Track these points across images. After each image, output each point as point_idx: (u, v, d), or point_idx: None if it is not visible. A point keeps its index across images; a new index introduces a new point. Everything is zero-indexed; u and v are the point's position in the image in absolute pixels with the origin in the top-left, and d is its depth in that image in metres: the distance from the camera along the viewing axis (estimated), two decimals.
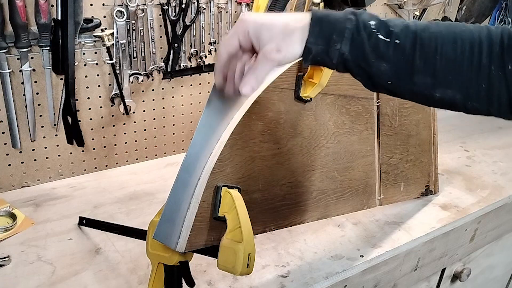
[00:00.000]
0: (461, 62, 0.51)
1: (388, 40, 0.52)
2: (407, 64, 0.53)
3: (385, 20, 0.54)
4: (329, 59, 0.55)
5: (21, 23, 0.85)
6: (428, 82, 0.52)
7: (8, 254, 0.78)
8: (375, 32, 0.53)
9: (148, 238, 0.63)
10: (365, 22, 0.53)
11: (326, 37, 0.54)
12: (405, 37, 0.53)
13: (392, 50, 0.53)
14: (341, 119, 0.85)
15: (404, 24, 0.54)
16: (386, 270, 0.86)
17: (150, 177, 1.08)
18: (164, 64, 1.07)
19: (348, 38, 0.53)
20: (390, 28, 0.53)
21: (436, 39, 0.52)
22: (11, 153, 0.96)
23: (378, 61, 0.53)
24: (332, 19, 0.54)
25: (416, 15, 1.55)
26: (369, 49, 0.53)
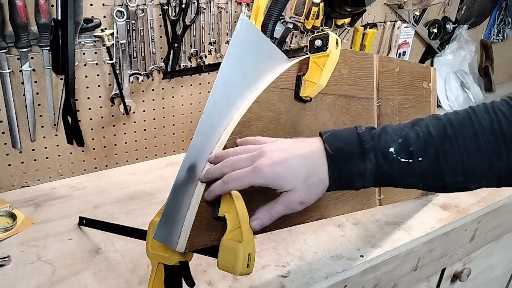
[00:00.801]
0: (489, 154, 0.51)
1: (411, 161, 0.54)
2: (434, 173, 0.54)
3: (403, 140, 0.54)
4: (351, 189, 0.58)
5: (21, 23, 0.85)
6: (460, 180, 0.53)
7: (8, 254, 0.78)
8: (396, 158, 0.54)
9: (148, 238, 0.63)
10: (384, 152, 0.55)
11: (347, 181, 0.56)
12: (425, 152, 0.53)
13: (417, 167, 0.54)
14: (341, 119, 0.85)
15: (422, 138, 0.54)
16: (386, 270, 0.86)
17: (150, 177, 1.08)
18: (164, 64, 1.07)
19: (370, 177, 0.56)
20: (410, 148, 0.54)
21: (457, 140, 0.52)
22: (11, 153, 0.96)
23: (404, 178, 0.55)
24: (350, 161, 0.55)
25: (416, 15, 1.55)
26: (394, 174, 0.55)
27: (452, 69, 1.75)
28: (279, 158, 0.55)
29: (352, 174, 0.55)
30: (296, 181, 0.55)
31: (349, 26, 1.37)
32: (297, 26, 1.21)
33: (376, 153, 0.54)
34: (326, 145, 0.56)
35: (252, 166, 0.55)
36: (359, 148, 0.55)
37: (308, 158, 0.56)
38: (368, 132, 0.56)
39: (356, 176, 0.55)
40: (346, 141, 0.56)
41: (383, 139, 0.55)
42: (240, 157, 0.57)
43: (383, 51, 1.54)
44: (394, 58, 0.98)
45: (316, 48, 0.71)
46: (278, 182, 0.55)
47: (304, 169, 0.55)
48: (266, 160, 0.55)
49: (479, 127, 0.52)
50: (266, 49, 0.70)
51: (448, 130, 0.53)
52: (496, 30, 1.94)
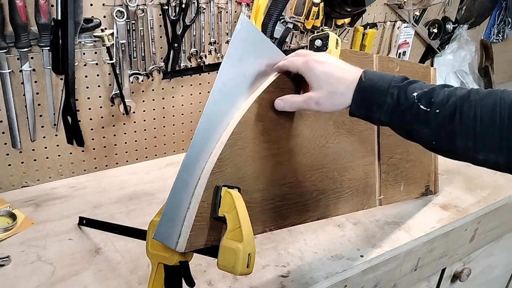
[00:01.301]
0: (501, 127, 0.52)
1: (429, 110, 0.57)
2: (447, 130, 0.56)
3: (429, 90, 0.58)
4: (370, 120, 0.63)
5: (21, 23, 0.85)
6: (469, 145, 0.55)
7: (8, 254, 0.78)
8: (416, 102, 0.58)
9: (148, 238, 0.63)
10: (408, 94, 0.58)
11: (366, 107, 0.62)
12: (444, 107, 0.56)
13: (433, 118, 0.57)
14: (341, 119, 0.85)
15: (446, 94, 0.57)
16: (386, 270, 0.86)
17: (150, 177, 1.08)
18: (164, 64, 1.07)
19: (387, 110, 0.60)
20: (432, 98, 0.57)
21: (475, 106, 0.54)
22: (11, 153, 0.96)
23: (419, 126, 0.58)
24: (375, 90, 0.61)
25: (416, 15, 1.55)
26: (410, 117, 0.58)
27: (452, 69, 1.75)
28: (326, 60, 0.65)
29: (373, 102, 0.60)
30: (324, 83, 0.63)
31: (349, 26, 1.37)
32: (297, 26, 1.21)
33: (400, 91, 0.59)
34: (363, 73, 0.63)
35: (306, 58, 0.66)
36: (387, 84, 0.60)
37: (344, 73, 0.63)
38: (402, 77, 0.61)
39: (376, 105, 0.60)
40: (381, 76, 0.62)
41: (412, 85, 0.59)
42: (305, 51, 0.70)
43: (383, 51, 1.54)
44: (394, 58, 0.98)
45: (316, 48, 0.71)
46: (312, 77, 0.64)
47: (336, 79, 0.63)
48: (318, 57, 0.66)
49: (500, 101, 0.53)
50: (266, 49, 0.70)
51: (472, 96, 0.55)
52: (496, 30, 1.94)
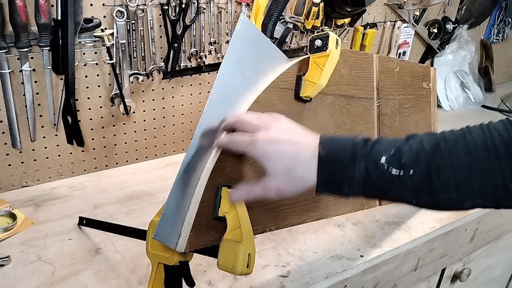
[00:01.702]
0: (481, 171, 0.50)
1: (402, 173, 0.53)
2: (426, 187, 0.52)
3: (396, 151, 0.54)
4: (341, 195, 0.57)
5: (21, 23, 0.85)
6: (453, 197, 0.52)
7: (8, 254, 0.78)
8: (387, 169, 0.53)
9: (148, 238, 0.63)
10: (376, 161, 0.54)
11: (334, 185, 0.56)
12: (417, 165, 0.52)
13: (408, 180, 0.53)
14: (341, 119, 0.85)
15: (414, 150, 0.53)
16: (386, 270, 0.86)
17: (150, 177, 1.08)
18: (164, 64, 1.07)
19: (358, 184, 0.55)
20: (401, 160, 0.53)
21: (449, 155, 0.52)
22: (11, 153, 0.96)
23: (395, 191, 0.54)
24: (339, 165, 0.55)
25: (416, 15, 1.55)
26: (384, 185, 0.54)
27: (452, 69, 1.75)
28: (276, 138, 0.57)
29: (341, 179, 0.55)
30: (280, 168, 0.56)
31: (349, 26, 1.37)
32: (297, 26, 1.21)
33: (366, 161, 0.54)
34: (320, 146, 0.57)
35: (251, 138, 0.57)
36: (351, 155, 0.55)
37: (300, 151, 0.56)
38: (363, 141, 0.56)
39: (344, 181, 0.55)
40: (341, 146, 0.56)
41: (376, 149, 0.55)
42: (251, 119, 0.60)
43: (383, 51, 1.54)
44: (394, 58, 0.98)
45: (316, 48, 0.71)
46: (264, 161, 0.56)
47: (292, 160, 0.56)
48: (264, 136, 0.57)
49: (472, 143, 0.51)
50: (266, 49, 0.70)
51: (441, 145, 0.53)
52: (496, 30, 1.94)
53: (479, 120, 0.57)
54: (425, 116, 1.02)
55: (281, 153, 0.56)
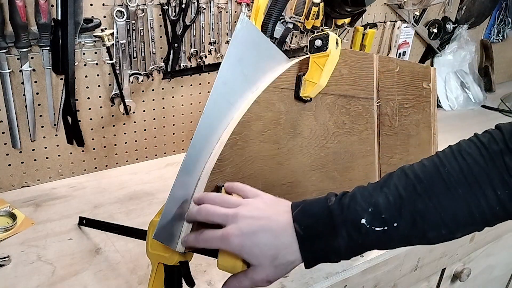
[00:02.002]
0: (466, 204, 0.50)
1: (386, 228, 0.51)
2: (415, 234, 0.52)
3: (373, 207, 0.52)
4: (333, 262, 0.55)
5: (21, 23, 0.85)
6: (443, 233, 0.52)
7: (8, 254, 0.78)
8: (370, 228, 0.52)
9: (148, 238, 0.63)
10: (356, 224, 0.52)
11: (323, 258, 0.54)
12: (400, 217, 0.51)
13: (395, 232, 0.52)
14: (341, 119, 0.85)
15: (392, 201, 0.52)
16: (386, 270, 0.86)
17: (150, 177, 1.08)
18: (164, 64, 1.07)
19: (346, 252, 0.53)
20: (382, 216, 0.51)
21: (429, 196, 0.51)
22: (11, 153, 0.96)
23: (385, 245, 0.53)
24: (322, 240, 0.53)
25: (416, 15, 1.55)
26: (371, 244, 0.53)
27: (452, 69, 1.75)
28: (249, 229, 0.53)
29: (326, 252, 0.53)
30: (263, 258, 0.53)
31: (349, 26, 1.37)
32: (297, 26, 1.21)
33: (347, 227, 0.52)
34: (296, 224, 0.54)
35: (221, 233, 0.54)
36: (330, 224, 0.53)
37: (278, 236, 0.54)
38: (338, 203, 0.54)
39: (331, 253, 0.53)
40: (316, 217, 0.54)
41: (352, 210, 0.53)
42: (215, 210, 0.56)
43: (383, 51, 1.54)
44: (394, 58, 0.98)
45: (316, 48, 0.71)
46: (244, 255, 0.54)
47: (273, 248, 0.53)
48: (235, 230, 0.53)
49: (448, 179, 0.50)
50: (266, 49, 0.70)
51: (418, 188, 0.51)
52: (496, 30, 1.94)
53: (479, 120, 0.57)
54: (425, 116, 1.02)
55: (259, 245, 0.53)
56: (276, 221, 0.54)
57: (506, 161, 0.49)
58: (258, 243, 0.53)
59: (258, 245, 0.53)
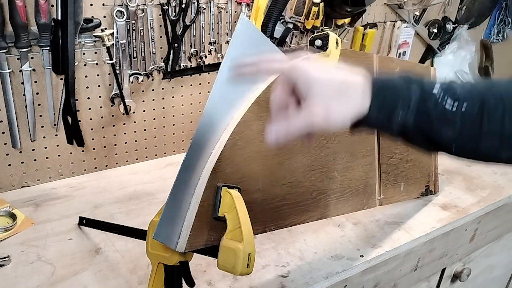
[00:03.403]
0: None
1: (455, 109, 0.50)
2: (474, 130, 0.50)
3: (448, 85, 0.51)
4: (390, 128, 0.51)
5: (21, 23, 0.85)
6: (494, 144, 0.50)
7: (8, 254, 0.78)
8: (441, 100, 0.50)
9: (148, 238, 0.63)
10: (428, 91, 0.51)
11: (390, 107, 0.50)
12: (471, 102, 0.50)
13: (459, 117, 0.50)
14: None
15: (468, 88, 0.51)
16: (386, 270, 0.86)
17: (150, 177, 1.08)
18: (164, 64, 1.07)
19: (414, 108, 0.50)
20: (456, 94, 0.50)
21: (503, 101, 0.49)
22: (11, 153, 0.96)
23: (444, 128, 0.50)
24: (395, 88, 0.51)
25: (416, 15, 1.55)
26: (435, 118, 0.50)
27: (452, 69, 1.75)
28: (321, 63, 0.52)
29: (396, 99, 0.50)
30: (329, 88, 0.49)
31: (349, 26, 1.37)
32: (297, 26, 1.21)
33: (420, 85, 0.50)
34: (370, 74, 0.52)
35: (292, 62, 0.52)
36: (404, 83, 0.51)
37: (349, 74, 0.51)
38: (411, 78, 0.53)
39: (400, 103, 0.50)
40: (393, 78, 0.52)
41: (425, 81, 0.51)
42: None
43: (383, 51, 1.54)
44: (394, 58, 0.98)
45: (316, 48, 0.71)
46: (308, 81, 0.50)
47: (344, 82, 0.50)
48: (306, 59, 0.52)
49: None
50: (266, 49, 0.70)
51: (494, 88, 0.50)
52: (496, 30, 1.94)
53: None
54: None
55: (328, 76, 0.50)
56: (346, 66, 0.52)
57: None
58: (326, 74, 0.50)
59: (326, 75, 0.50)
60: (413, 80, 0.52)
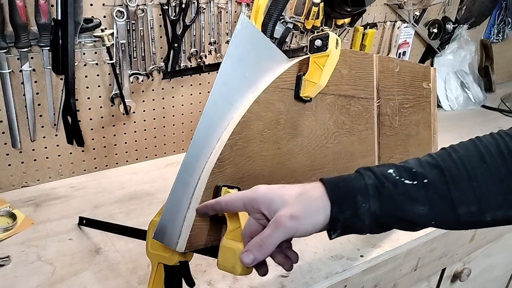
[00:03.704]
0: (500, 178, 0.47)
1: (416, 183, 0.49)
2: (445, 200, 0.48)
3: (402, 164, 0.50)
4: (361, 222, 0.50)
5: (21, 23, 0.85)
6: (473, 210, 0.48)
7: (8, 254, 0.78)
8: (400, 179, 0.49)
9: (148, 238, 0.63)
10: (384, 173, 0.50)
11: (351, 201, 0.50)
12: (431, 173, 0.49)
13: (424, 191, 0.49)
14: (341, 119, 0.85)
15: (423, 161, 0.50)
16: (386, 270, 0.86)
17: (150, 177, 1.08)
18: (164, 64, 1.07)
19: (374, 194, 0.49)
20: (412, 169, 0.49)
21: (465, 165, 0.48)
22: (11, 153, 0.96)
23: (413, 206, 0.49)
24: (349, 181, 0.51)
25: (416, 15, 1.55)
26: (400, 198, 0.49)
27: (452, 69, 1.75)
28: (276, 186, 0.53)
29: (355, 193, 0.50)
30: (287, 196, 0.51)
31: (349, 26, 1.37)
32: (297, 26, 1.21)
33: (375, 173, 0.50)
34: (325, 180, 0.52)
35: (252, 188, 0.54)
36: (357, 174, 0.52)
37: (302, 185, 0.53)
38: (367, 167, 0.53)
39: (359, 195, 0.49)
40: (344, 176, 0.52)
41: (379, 167, 0.51)
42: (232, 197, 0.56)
43: (383, 51, 1.54)
44: (394, 58, 0.98)
45: (316, 48, 0.71)
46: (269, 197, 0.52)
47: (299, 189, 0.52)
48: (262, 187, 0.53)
49: (485, 151, 0.48)
50: (266, 49, 0.70)
51: (453, 155, 0.49)
52: (496, 30, 1.94)
53: (479, 121, 0.57)
54: (425, 116, 1.02)
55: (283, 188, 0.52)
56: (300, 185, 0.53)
57: None
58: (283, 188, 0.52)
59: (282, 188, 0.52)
60: (364, 170, 0.51)
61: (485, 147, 0.49)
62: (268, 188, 0.53)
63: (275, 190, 0.52)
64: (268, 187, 0.53)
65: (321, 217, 0.50)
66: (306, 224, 0.50)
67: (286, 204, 0.50)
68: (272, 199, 0.51)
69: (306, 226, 0.50)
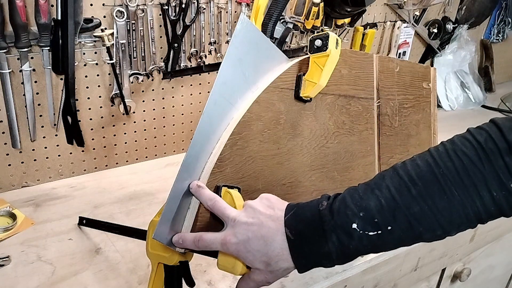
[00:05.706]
0: (462, 206, 0.49)
1: (380, 232, 0.50)
2: (411, 237, 0.51)
3: (365, 212, 0.51)
4: (328, 267, 0.54)
5: (21, 23, 0.85)
6: (438, 233, 0.51)
7: (8, 254, 0.78)
8: (364, 233, 0.51)
9: (148, 238, 0.63)
10: (347, 230, 0.51)
11: (316, 264, 0.54)
12: (394, 221, 0.50)
13: (389, 236, 0.51)
14: (341, 119, 0.85)
15: (386, 205, 0.50)
16: (386, 270, 0.86)
17: (150, 177, 1.08)
18: (164, 64, 1.07)
19: (338, 258, 0.52)
20: (375, 219, 0.50)
21: (425, 201, 0.49)
22: (11, 153, 0.96)
23: (380, 249, 0.52)
24: (311, 245, 0.52)
25: (416, 15, 1.55)
26: (367, 248, 0.52)
27: (452, 69, 1.75)
28: (244, 236, 0.55)
29: (317, 258, 0.53)
30: (258, 263, 0.55)
31: (349, 26, 1.37)
32: (297, 26, 1.21)
33: (337, 233, 0.51)
34: (287, 229, 0.54)
35: (221, 238, 0.56)
36: (320, 230, 0.52)
37: (268, 243, 0.54)
38: (329, 208, 0.53)
39: (322, 259, 0.53)
40: (307, 222, 0.53)
41: (343, 215, 0.51)
42: (221, 205, 0.58)
43: (383, 51, 1.54)
44: (394, 58, 0.98)
45: (316, 48, 0.71)
46: (242, 258, 0.56)
47: (264, 255, 0.54)
48: (232, 237, 0.55)
49: (444, 180, 0.49)
50: (266, 49, 0.70)
51: (413, 191, 0.50)
52: (496, 30, 1.94)
53: (479, 121, 0.56)
54: (425, 116, 1.02)
55: (252, 252, 0.54)
56: (268, 227, 0.54)
57: (507, 161, 0.47)
58: (251, 250, 0.54)
59: (251, 252, 0.54)
60: (329, 225, 0.52)
61: (444, 176, 0.49)
62: (237, 252, 0.55)
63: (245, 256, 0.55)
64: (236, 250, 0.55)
65: (289, 272, 0.57)
66: (275, 280, 0.58)
67: (259, 270, 0.56)
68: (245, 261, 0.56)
69: (275, 281, 0.58)
